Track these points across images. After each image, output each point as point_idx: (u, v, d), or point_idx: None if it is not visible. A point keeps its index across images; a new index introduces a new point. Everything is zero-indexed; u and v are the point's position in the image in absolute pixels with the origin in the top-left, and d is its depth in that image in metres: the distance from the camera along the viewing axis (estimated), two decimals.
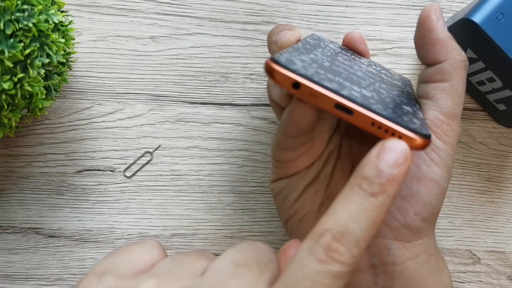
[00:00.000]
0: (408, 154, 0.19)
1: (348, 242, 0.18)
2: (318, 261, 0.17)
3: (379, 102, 0.21)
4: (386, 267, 0.25)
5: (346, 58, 0.27)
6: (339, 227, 0.18)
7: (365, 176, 0.19)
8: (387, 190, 0.18)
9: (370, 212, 0.18)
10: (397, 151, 0.19)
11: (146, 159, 0.36)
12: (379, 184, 0.18)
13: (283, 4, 0.37)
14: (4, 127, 0.30)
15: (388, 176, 0.18)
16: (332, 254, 0.17)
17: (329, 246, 0.18)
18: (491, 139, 0.37)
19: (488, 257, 0.36)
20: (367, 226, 0.18)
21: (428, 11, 0.25)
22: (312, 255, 0.18)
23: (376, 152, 0.19)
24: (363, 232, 0.18)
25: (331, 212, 0.19)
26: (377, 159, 0.19)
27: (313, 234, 0.18)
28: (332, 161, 0.28)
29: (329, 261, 0.17)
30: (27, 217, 0.36)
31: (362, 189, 0.19)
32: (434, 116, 0.25)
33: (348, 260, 0.18)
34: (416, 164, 0.24)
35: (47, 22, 0.28)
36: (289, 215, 0.28)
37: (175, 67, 0.36)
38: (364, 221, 0.18)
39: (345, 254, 0.18)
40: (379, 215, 0.18)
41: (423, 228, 0.25)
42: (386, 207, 0.19)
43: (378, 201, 0.18)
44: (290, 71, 0.20)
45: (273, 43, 0.27)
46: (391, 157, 0.19)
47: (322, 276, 0.17)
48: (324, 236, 0.18)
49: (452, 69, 0.25)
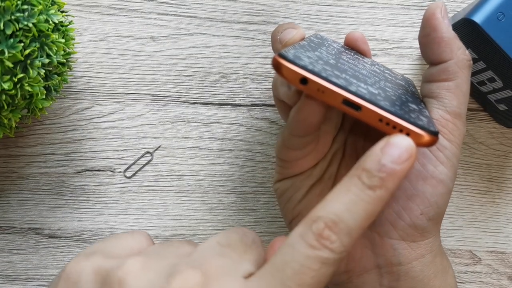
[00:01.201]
0: (413, 151, 0.19)
1: (340, 231, 0.18)
2: (309, 246, 0.18)
3: (386, 99, 0.21)
4: (391, 267, 0.25)
5: (350, 57, 0.27)
6: (333, 216, 0.18)
7: (366, 168, 0.19)
8: (387, 184, 0.18)
9: (366, 204, 0.18)
10: (402, 147, 0.19)
11: (146, 159, 0.36)
12: (379, 177, 0.18)
13: (284, 4, 0.37)
14: (4, 127, 0.29)
15: (390, 170, 0.18)
16: (323, 241, 0.18)
17: (321, 233, 0.18)
18: (492, 139, 0.37)
19: (489, 258, 0.36)
20: (361, 218, 0.18)
21: (433, 10, 0.25)
22: (303, 240, 0.18)
23: (381, 146, 0.19)
24: (356, 223, 0.18)
25: (327, 200, 0.19)
26: (381, 152, 0.19)
27: (306, 220, 0.18)
28: (336, 161, 0.28)
29: (319, 247, 0.18)
30: (27, 218, 0.35)
31: (361, 181, 0.18)
32: (440, 115, 0.24)
33: (338, 248, 0.18)
34: (422, 163, 0.24)
35: (47, 22, 0.27)
36: (293, 215, 0.28)
37: (175, 67, 0.36)
38: (358, 213, 0.18)
39: (335, 242, 0.18)
40: (375, 208, 0.18)
41: (428, 228, 0.25)
42: (383, 202, 0.19)
43: (376, 195, 0.18)
44: (298, 66, 0.20)
45: (277, 41, 0.27)
46: (396, 152, 0.19)
47: (311, 261, 0.17)
48: (317, 223, 0.18)
49: (457, 68, 0.25)
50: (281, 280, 0.17)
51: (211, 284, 0.17)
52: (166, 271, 0.18)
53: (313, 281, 0.17)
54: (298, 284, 0.17)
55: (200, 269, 0.18)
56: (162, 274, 0.18)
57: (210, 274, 0.18)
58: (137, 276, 0.18)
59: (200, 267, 0.18)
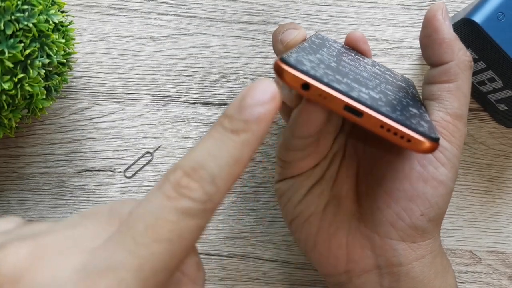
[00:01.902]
0: (275, 93, 0.17)
1: (202, 179, 0.16)
2: (165, 197, 0.16)
3: (387, 104, 0.21)
4: (391, 268, 0.25)
5: (351, 58, 0.27)
6: (193, 163, 0.16)
7: (228, 114, 0.17)
8: (251, 127, 0.17)
9: (230, 148, 0.17)
10: (264, 89, 0.17)
11: (146, 159, 0.36)
12: (242, 120, 0.17)
13: (284, 4, 0.36)
14: (4, 127, 0.29)
15: (252, 113, 0.17)
16: (181, 190, 0.16)
17: (179, 182, 0.16)
18: (492, 139, 0.37)
19: (489, 258, 0.36)
20: (227, 163, 0.16)
21: (435, 11, 0.25)
22: (159, 191, 0.16)
23: (243, 93, 0.17)
24: (221, 169, 0.16)
25: (189, 152, 0.17)
26: (242, 96, 0.17)
27: (166, 173, 0.17)
28: (337, 161, 0.28)
29: (177, 197, 0.16)
30: (27, 218, 0.35)
31: (223, 127, 0.17)
32: (440, 117, 0.25)
33: (201, 197, 0.16)
34: (423, 164, 0.24)
35: (47, 22, 0.27)
36: (293, 216, 0.28)
37: (175, 67, 0.36)
38: (223, 158, 0.16)
39: (197, 190, 0.16)
40: (241, 154, 0.17)
41: (429, 229, 0.25)
42: (250, 147, 0.17)
43: (240, 139, 0.17)
44: (300, 71, 0.20)
45: (279, 42, 0.27)
46: (257, 94, 0.17)
47: (167, 212, 0.16)
48: (175, 173, 0.16)
49: (458, 69, 0.25)
50: (132, 237, 0.15)
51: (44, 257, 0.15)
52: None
53: (172, 235, 0.15)
54: (153, 239, 0.15)
55: (34, 242, 0.16)
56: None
57: (47, 247, 0.15)
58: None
59: (35, 239, 0.16)
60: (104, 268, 0.15)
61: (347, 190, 0.28)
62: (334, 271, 0.27)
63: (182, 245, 0.16)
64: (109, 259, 0.15)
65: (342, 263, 0.27)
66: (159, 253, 0.15)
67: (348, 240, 0.27)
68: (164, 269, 0.15)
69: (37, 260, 0.15)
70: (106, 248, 0.15)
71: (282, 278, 0.36)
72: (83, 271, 0.15)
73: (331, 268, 0.27)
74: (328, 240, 0.27)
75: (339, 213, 0.27)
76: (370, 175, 0.27)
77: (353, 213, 0.27)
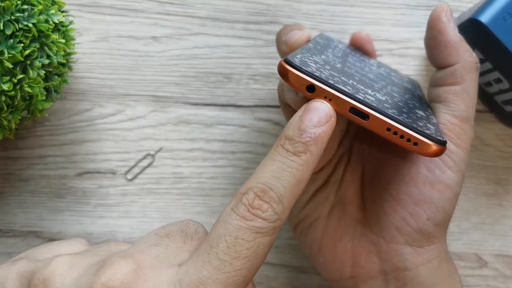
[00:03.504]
0: (332, 113, 0.19)
1: (271, 199, 0.18)
2: (241, 218, 0.18)
3: (393, 107, 0.21)
4: (398, 273, 0.25)
5: (356, 59, 0.26)
6: (261, 185, 0.18)
7: (288, 137, 0.19)
8: (311, 149, 0.19)
9: (293, 170, 0.19)
10: (320, 111, 0.19)
11: (147, 161, 0.36)
12: (302, 143, 0.19)
13: (287, 3, 0.36)
14: (4, 129, 0.29)
15: (311, 135, 0.19)
16: (254, 210, 0.18)
17: (251, 203, 0.18)
18: (498, 141, 0.36)
19: (495, 261, 0.36)
20: (290, 184, 0.19)
21: (439, 13, 0.25)
22: (234, 213, 0.18)
23: (300, 114, 0.19)
24: (286, 189, 0.18)
25: (255, 173, 0.19)
26: (301, 119, 0.19)
27: (237, 194, 0.19)
28: (342, 165, 0.28)
29: (251, 217, 0.18)
30: (27, 220, 0.35)
31: (285, 149, 0.19)
32: (447, 120, 0.24)
33: (271, 216, 0.18)
34: (430, 168, 0.24)
35: (47, 23, 0.27)
36: (298, 220, 0.28)
37: (177, 68, 0.36)
38: (287, 179, 0.18)
39: (267, 210, 0.18)
40: (303, 173, 0.19)
41: (435, 233, 0.25)
42: (310, 166, 0.19)
43: (302, 160, 0.19)
44: (305, 73, 0.20)
45: (283, 43, 0.26)
46: (314, 116, 0.19)
47: (244, 232, 0.18)
48: (247, 194, 0.18)
49: (464, 71, 0.25)
50: (216, 256, 0.17)
51: (144, 272, 0.17)
52: (96, 267, 0.17)
53: (250, 253, 0.18)
54: (234, 257, 0.17)
55: (133, 259, 0.18)
56: (91, 270, 0.17)
57: (143, 264, 0.18)
58: (63, 274, 0.17)
59: (132, 257, 0.18)
60: (196, 282, 0.17)
61: (352, 194, 0.27)
62: (339, 276, 0.27)
63: (258, 260, 0.18)
64: (199, 274, 0.17)
65: (348, 268, 0.26)
66: (240, 269, 0.18)
67: (354, 245, 0.26)
68: (243, 282, 0.18)
69: (139, 275, 0.17)
70: (195, 265, 0.18)
71: (286, 282, 0.35)
72: (179, 284, 0.17)
73: (336, 273, 0.27)
74: (333, 244, 0.27)
75: (344, 218, 0.27)
76: (376, 179, 0.27)
77: (358, 218, 0.27)
